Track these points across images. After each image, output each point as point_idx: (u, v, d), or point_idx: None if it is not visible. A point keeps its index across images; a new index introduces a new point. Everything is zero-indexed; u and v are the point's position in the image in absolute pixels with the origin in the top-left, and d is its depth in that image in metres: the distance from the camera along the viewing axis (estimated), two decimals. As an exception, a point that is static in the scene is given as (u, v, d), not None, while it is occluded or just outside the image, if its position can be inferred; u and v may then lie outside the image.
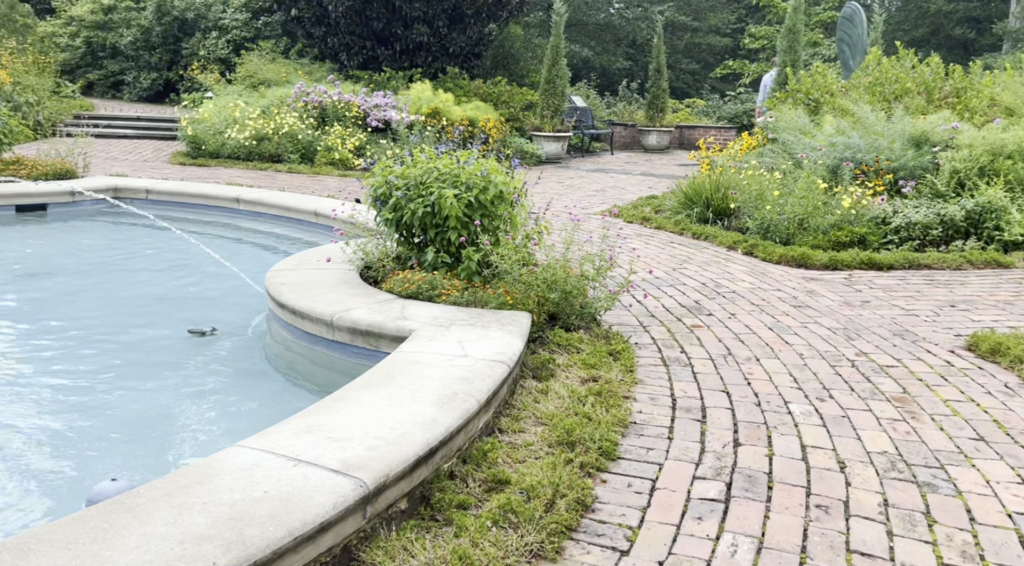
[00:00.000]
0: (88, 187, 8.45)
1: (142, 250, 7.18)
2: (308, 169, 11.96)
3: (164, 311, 5.33)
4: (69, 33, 20.59)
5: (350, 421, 2.80)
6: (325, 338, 4.09)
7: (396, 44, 16.75)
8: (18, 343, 4.54)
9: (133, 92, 20.50)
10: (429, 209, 4.43)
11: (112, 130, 15.43)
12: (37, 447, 3.32)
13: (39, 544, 2.00)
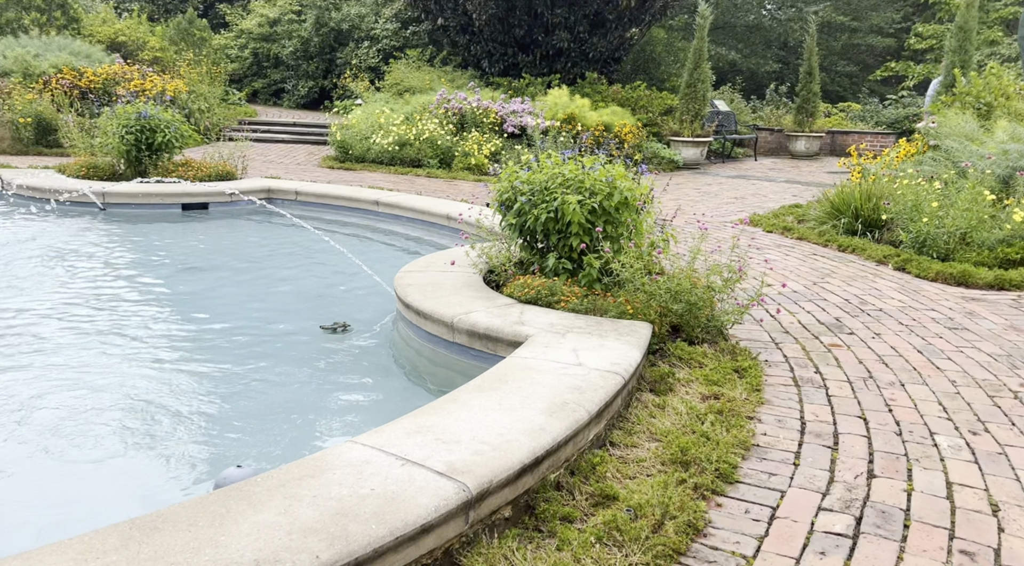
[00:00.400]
0: (244, 188, 9.09)
1: (287, 248, 7.62)
2: (445, 174, 12.29)
3: (302, 307, 5.62)
4: (239, 45, 22.32)
5: (459, 424, 2.81)
6: (445, 339, 4.15)
7: (536, 50, 16.90)
8: (169, 332, 4.93)
9: (292, 99, 21.91)
10: (552, 215, 4.40)
11: (270, 135, 16.55)
12: (174, 430, 3.58)
13: (164, 523, 2.14)
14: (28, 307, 5.21)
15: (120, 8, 24.80)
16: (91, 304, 5.38)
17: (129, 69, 15.00)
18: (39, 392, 3.88)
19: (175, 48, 19.75)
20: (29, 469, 3.18)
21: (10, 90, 13.32)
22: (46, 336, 4.67)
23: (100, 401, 3.81)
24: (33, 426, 3.51)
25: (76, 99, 14.15)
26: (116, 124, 9.34)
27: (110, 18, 20.49)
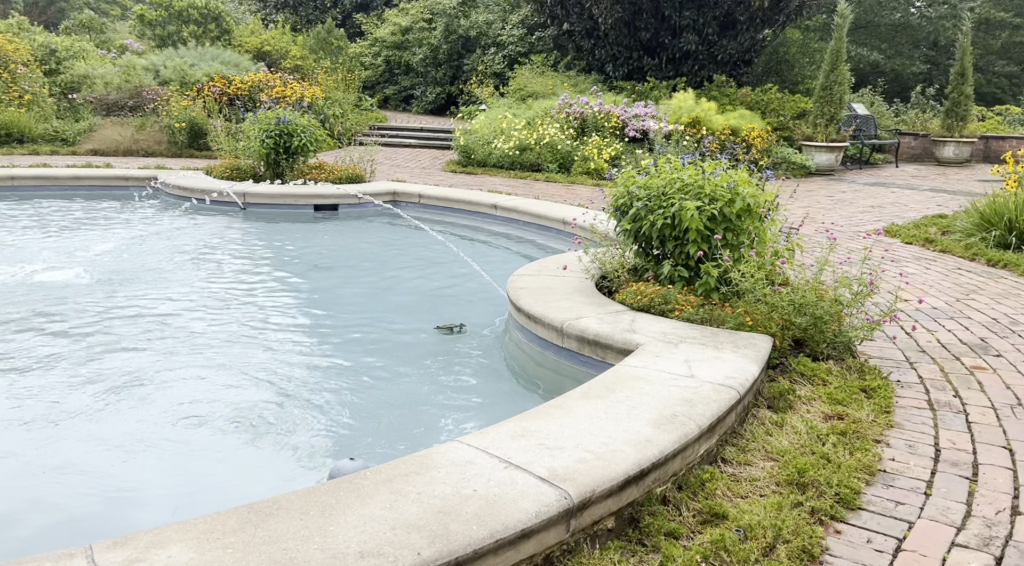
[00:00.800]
0: (370, 191, 9.45)
1: (408, 249, 7.86)
2: (564, 178, 12.29)
3: (418, 306, 5.78)
4: (372, 53, 23.28)
5: (563, 430, 2.79)
6: (555, 344, 4.14)
7: (662, 54, 16.63)
8: (295, 326, 5.18)
9: (420, 105, 22.62)
10: (668, 221, 4.30)
11: (398, 140, 17.15)
12: (292, 419, 3.75)
13: (278, 510, 2.24)
14: (170, 297, 5.64)
15: (267, 20, 26.46)
16: (226, 296, 5.75)
17: (272, 77, 15.96)
18: (174, 376, 4.18)
19: (314, 57, 20.85)
20: (165, 448, 3.43)
21: (168, 97, 14.48)
22: (183, 325, 5.03)
23: (227, 388, 4.06)
24: (168, 408, 3.78)
25: (224, 105, 15.21)
26: (257, 129, 9.95)
27: (257, 29, 21.90)
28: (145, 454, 3.37)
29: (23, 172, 9.94)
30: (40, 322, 4.95)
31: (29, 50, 15.17)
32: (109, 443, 3.44)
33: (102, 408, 3.76)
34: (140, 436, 3.51)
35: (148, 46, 19.71)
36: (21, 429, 3.51)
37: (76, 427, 3.56)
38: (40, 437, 3.45)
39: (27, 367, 4.22)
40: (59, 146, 13.26)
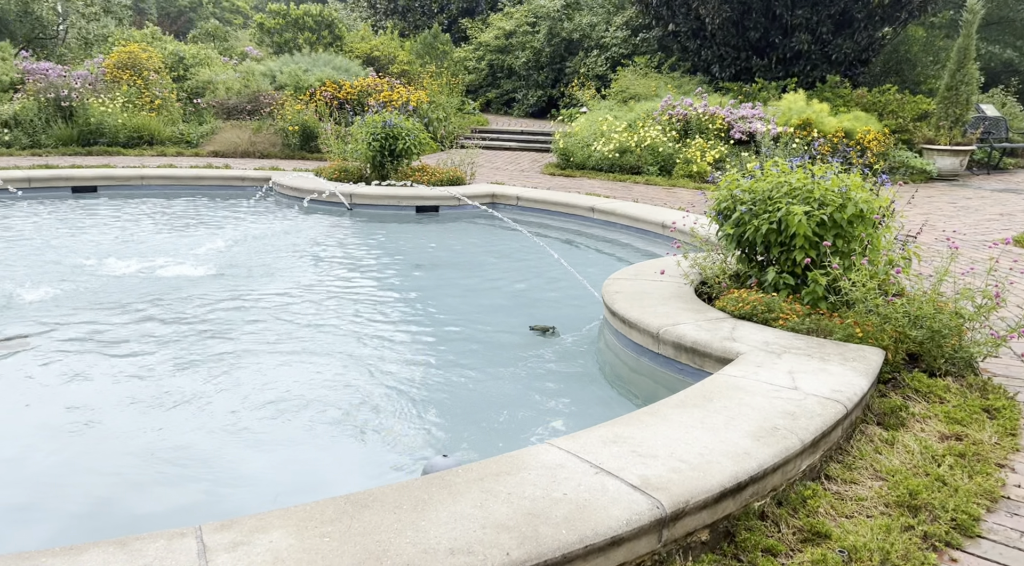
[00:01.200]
0: (470, 193, 9.58)
1: (505, 251, 7.92)
2: (664, 181, 12.08)
3: (513, 307, 5.81)
4: (476, 57, 23.63)
5: (656, 438, 2.73)
6: (650, 350, 4.07)
7: (772, 54, 16.09)
8: (394, 324, 5.31)
9: (521, 108, 22.78)
10: (774, 226, 4.14)
11: (499, 143, 17.33)
12: (388, 413, 3.84)
13: (373, 502, 2.30)
14: (279, 292, 5.89)
15: (376, 26, 27.33)
16: (331, 293, 5.96)
17: (380, 81, 16.46)
18: (279, 367, 4.37)
19: (420, 61, 21.36)
20: (267, 436, 3.58)
21: (283, 102, 15.18)
22: (289, 319, 5.25)
23: (328, 381, 4.20)
24: (272, 398, 3.95)
25: (335, 109, 15.80)
26: (365, 132, 10.28)
27: (367, 35, 22.65)
28: (248, 440, 3.54)
29: (152, 172, 10.65)
30: (159, 313, 5.28)
31: (160, 58, 16.25)
32: (215, 428, 3.63)
33: (211, 395, 3.97)
34: (244, 423, 3.68)
35: (266, 53, 20.73)
36: (137, 412, 3.76)
37: (186, 412, 3.77)
38: (154, 421, 3.68)
39: (144, 354, 4.51)
40: (184, 148, 14.13)
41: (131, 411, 3.76)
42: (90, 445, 3.44)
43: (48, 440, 3.47)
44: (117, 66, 15.15)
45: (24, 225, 7.97)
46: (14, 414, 3.73)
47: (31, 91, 13.64)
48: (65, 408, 3.76)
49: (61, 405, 3.79)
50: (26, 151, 12.85)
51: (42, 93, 13.49)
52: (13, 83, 14.47)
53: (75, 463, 3.29)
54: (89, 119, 13.52)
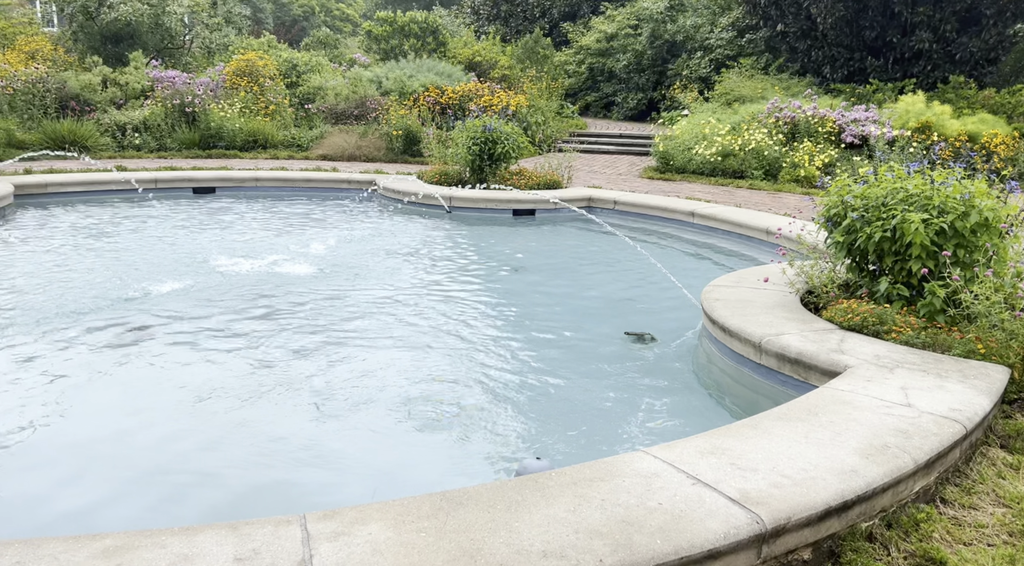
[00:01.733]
0: (566, 197, 9.58)
1: (601, 255, 7.87)
2: (769, 186, 11.70)
3: (607, 312, 5.76)
4: (576, 61, 23.62)
5: (757, 451, 2.64)
6: (751, 360, 3.95)
7: (889, 54, 15.33)
8: (488, 325, 5.37)
9: (620, 111, 22.59)
10: (888, 234, 3.94)
11: (597, 146, 17.24)
12: (480, 413, 3.88)
13: (468, 500, 2.33)
14: (380, 290, 6.07)
15: (479, 32, 27.75)
16: (429, 293, 6.09)
17: (481, 86, 16.70)
18: (377, 363, 4.49)
19: (520, 66, 21.54)
20: (365, 429, 3.69)
21: (388, 107, 15.64)
22: (389, 316, 5.39)
23: (423, 379, 4.29)
24: (369, 392, 4.07)
25: (437, 114, 16.15)
26: (465, 136, 10.46)
27: (470, 41, 23.03)
28: (347, 432, 3.66)
29: (265, 174, 11.19)
30: (268, 308, 5.54)
31: (275, 65, 17.06)
32: (316, 418, 3.77)
33: (314, 388, 4.13)
34: (343, 415, 3.81)
35: (373, 59, 21.41)
36: (245, 400, 3.95)
37: (290, 402, 3.94)
38: (260, 408, 3.86)
39: (253, 347, 4.74)
40: (295, 151, 14.77)
41: (239, 399, 3.96)
42: (203, 428, 3.65)
43: (166, 422, 3.70)
44: (236, 73, 16.01)
45: (150, 223, 8.54)
46: (138, 397, 4.00)
47: (159, 98, 14.60)
48: (182, 394, 4.00)
49: (179, 391, 4.03)
50: (153, 154, 13.76)
51: (168, 99, 14.41)
52: (144, 90, 15.53)
53: (189, 444, 3.50)
54: (209, 124, 14.35)
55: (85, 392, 4.02)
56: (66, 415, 3.74)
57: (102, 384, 4.13)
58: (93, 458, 3.40)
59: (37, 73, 13.95)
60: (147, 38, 18.18)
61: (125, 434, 3.62)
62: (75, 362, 4.39)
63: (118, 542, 2.03)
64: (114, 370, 4.30)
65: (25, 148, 12.52)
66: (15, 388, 4.02)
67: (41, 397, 3.91)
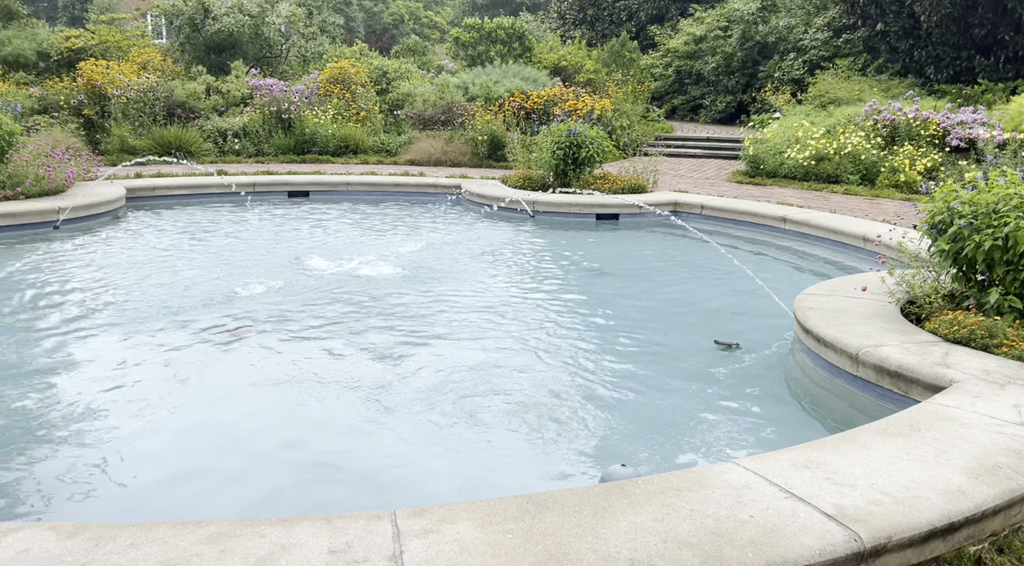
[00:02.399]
0: (651, 201, 9.46)
1: (687, 261, 7.73)
2: (866, 191, 11.24)
3: (693, 319, 5.66)
4: (663, 64, 23.32)
5: (854, 467, 2.54)
6: (847, 372, 3.80)
7: (1000, 52, 14.48)
8: (571, 330, 5.36)
9: (708, 115, 22.16)
10: (999, 243, 3.72)
11: (683, 150, 16.96)
12: (562, 418, 3.88)
13: (554, 504, 2.34)
14: (464, 293, 6.15)
15: (565, 36, 27.78)
16: (512, 297, 6.12)
17: (565, 91, 16.71)
18: (461, 365, 4.55)
19: (606, 70, 21.42)
20: (449, 430, 3.75)
21: (474, 112, 15.84)
22: (472, 320, 5.45)
23: (506, 382, 4.32)
24: (454, 394, 4.13)
25: (521, 119, 16.25)
26: (549, 141, 10.48)
27: (556, 46, 23.07)
28: (432, 431, 3.72)
29: (355, 179, 11.51)
30: (357, 309, 5.70)
31: (367, 73, 17.55)
32: (402, 416, 3.85)
33: (399, 387, 4.22)
34: (428, 414, 3.88)
35: (460, 65, 21.73)
36: (334, 397, 4.07)
37: (377, 400, 4.03)
38: (348, 405, 3.97)
39: (343, 346, 4.88)
40: (384, 156, 15.14)
41: (330, 395, 4.09)
42: (295, 422, 3.78)
43: (261, 415, 3.86)
44: (329, 81, 16.55)
45: (248, 225, 8.92)
46: (235, 392, 4.19)
47: (257, 105, 15.24)
48: (275, 389, 4.16)
49: (273, 387, 4.20)
50: (251, 158, 14.37)
51: (266, 106, 15.03)
52: (243, 98, 16.24)
53: (282, 437, 3.63)
54: (304, 130, 14.88)
55: (186, 385, 4.23)
56: (170, 407, 3.95)
57: (201, 378, 4.34)
58: (195, 447, 3.57)
59: (148, 83, 14.80)
60: (247, 48, 19.02)
61: (224, 425, 3.80)
62: (177, 357, 4.63)
63: (221, 529, 2.13)
64: (213, 365, 4.52)
65: (136, 153, 13.30)
66: (123, 381, 4.28)
67: (146, 389, 4.14)
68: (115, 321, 5.24)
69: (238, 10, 18.79)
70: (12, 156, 8.52)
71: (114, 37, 19.25)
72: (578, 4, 28.34)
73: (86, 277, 6.33)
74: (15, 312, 5.37)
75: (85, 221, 8.28)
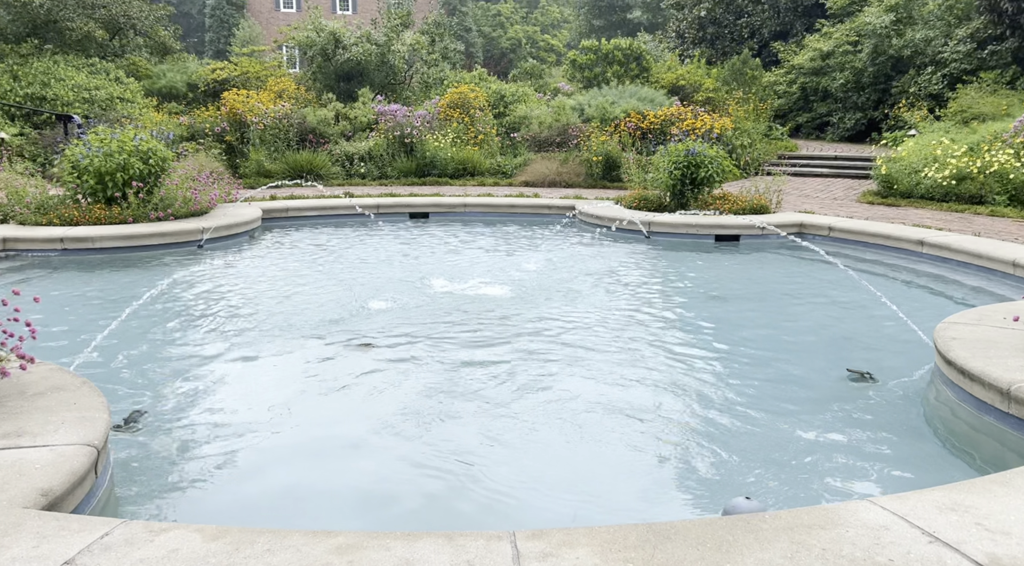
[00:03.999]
0: (774, 222, 9.13)
1: (815, 285, 7.40)
2: (1016, 213, 10.39)
3: (822, 347, 5.39)
4: (787, 81, 22.59)
5: (1008, 512, 2.34)
6: (996, 408, 3.50)
7: None
8: (689, 356, 5.22)
9: (835, 132, 21.24)
10: None
11: (808, 169, 16.30)
12: (682, 447, 3.77)
13: (675, 534, 2.28)
14: (579, 315, 6.13)
15: (683, 55, 27.44)
16: (629, 319, 6.05)
17: (683, 110, 16.47)
18: (578, 389, 4.52)
19: (726, 88, 20.97)
20: (563, 454, 3.73)
21: (589, 133, 15.88)
22: (587, 343, 5.42)
23: (623, 407, 4.25)
24: (571, 418, 4.11)
25: (637, 139, 16.14)
26: (667, 161, 10.34)
27: (674, 65, 22.83)
28: (547, 454, 3.71)
29: (473, 200, 11.78)
30: (474, 329, 5.79)
31: (485, 97, 17.98)
32: (517, 438, 3.86)
33: (515, 408, 4.24)
34: (543, 437, 3.88)
35: (576, 87, 21.87)
36: (448, 417, 4.14)
37: (493, 421, 4.07)
38: (464, 426, 4.02)
39: (459, 366, 4.96)
40: (499, 178, 15.42)
41: (447, 414, 4.16)
42: (414, 439, 3.87)
43: (383, 431, 3.98)
44: (450, 105, 17.07)
45: (372, 245, 9.29)
46: (357, 407, 4.34)
47: (382, 130, 15.91)
48: (396, 407, 4.28)
49: (393, 404, 4.33)
50: (375, 181, 14.99)
51: (390, 131, 15.66)
52: (369, 123, 17.01)
53: (402, 453, 3.73)
54: (424, 153, 15.39)
55: (310, 399, 4.43)
56: (299, 418, 4.14)
57: (324, 393, 4.53)
58: (322, 458, 3.73)
59: (283, 110, 15.76)
60: (374, 75, 19.92)
61: (347, 440, 3.94)
62: (303, 371, 4.86)
63: (349, 540, 2.21)
64: (336, 380, 4.71)
65: (271, 176, 14.17)
66: (252, 393, 4.53)
67: (276, 400, 4.36)
68: (250, 335, 5.57)
69: (366, 40, 19.74)
70: (164, 180, 9.27)
71: (254, 68, 20.67)
72: (697, 23, 27.97)
73: (225, 293, 6.78)
74: (163, 322, 5.81)
75: (225, 240, 8.87)
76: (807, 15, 25.50)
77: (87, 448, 2.80)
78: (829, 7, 23.41)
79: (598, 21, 48.73)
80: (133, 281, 7.12)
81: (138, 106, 17.19)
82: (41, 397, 3.21)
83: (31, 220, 8.30)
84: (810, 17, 25.31)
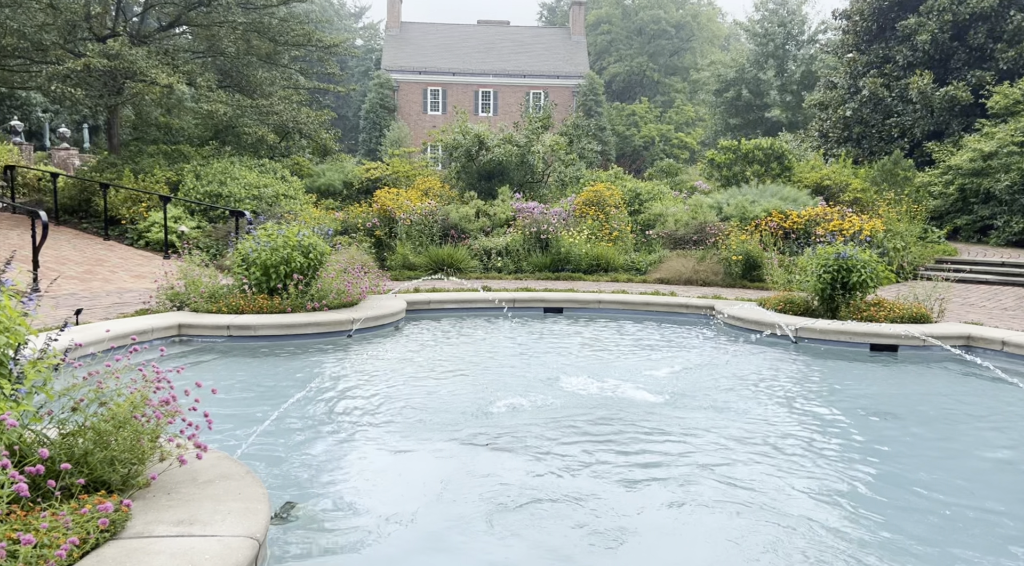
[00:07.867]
0: (937, 333, 8.48)
1: (990, 407, 6.73)
2: None
3: (1010, 482, 4.83)
4: (943, 181, 21.46)
5: None
6: None
7: None
8: (844, 481, 4.81)
9: (1001, 236, 19.80)
10: None
11: (971, 275, 15.19)
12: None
13: None
14: (722, 424, 5.85)
15: (827, 154, 26.81)
16: (778, 434, 5.71)
17: (830, 210, 15.93)
18: (716, 506, 4.25)
19: (875, 189, 20.18)
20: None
21: (728, 232, 15.63)
22: (731, 459, 5.13)
23: (768, 537, 3.95)
24: (713, 538, 3.85)
25: (779, 239, 15.70)
26: (815, 263, 9.94)
27: (818, 164, 22.31)
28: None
29: (607, 297, 11.76)
30: (607, 435, 5.65)
31: (620, 194, 18.21)
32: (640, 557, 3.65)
33: (645, 522, 4.04)
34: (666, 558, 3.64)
35: (714, 185, 21.76)
36: (580, 523, 3.99)
37: (622, 535, 3.88)
38: (606, 532, 3.86)
39: (589, 471, 4.81)
40: (633, 275, 15.37)
41: (573, 522, 4.02)
42: (545, 541, 3.75)
43: (510, 535, 3.88)
44: (585, 203, 17.41)
45: (508, 339, 9.41)
46: (484, 505, 4.28)
47: (519, 226, 16.38)
48: (523, 505, 4.19)
49: (520, 504, 4.24)
50: (511, 275, 15.34)
51: (527, 227, 16.10)
52: (507, 219, 17.60)
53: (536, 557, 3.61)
54: (560, 249, 15.66)
55: (445, 490, 4.42)
56: (428, 511, 4.14)
57: (460, 487, 4.52)
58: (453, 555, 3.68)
59: (429, 207, 16.62)
60: (513, 174, 20.74)
61: (476, 535, 3.88)
62: (440, 465, 4.89)
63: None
64: (467, 475, 4.70)
65: (414, 269, 14.84)
66: (386, 481, 4.59)
67: (407, 492, 4.39)
68: (393, 427, 5.71)
69: (508, 141, 20.70)
70: (321, 273, 9.90)
71: (403, 168, 22.08)
72: (843, 122, 27.40)
73: (370, 382, 7.03)
74: (313, 413, 6.07)
75: (372, 330, 9.28)
76: (964, 115, 24.38)
77: (250, 541, 2.91)
78: (990, 107, 22.29)
79: (734, 120, 48.79)
80: (290, 369, 7.54)
81: (300, 202, 18.67)
82: (210, 485, 3.40)
83: (203, 307, 9.05)
84: (968, 117, 24.18)
